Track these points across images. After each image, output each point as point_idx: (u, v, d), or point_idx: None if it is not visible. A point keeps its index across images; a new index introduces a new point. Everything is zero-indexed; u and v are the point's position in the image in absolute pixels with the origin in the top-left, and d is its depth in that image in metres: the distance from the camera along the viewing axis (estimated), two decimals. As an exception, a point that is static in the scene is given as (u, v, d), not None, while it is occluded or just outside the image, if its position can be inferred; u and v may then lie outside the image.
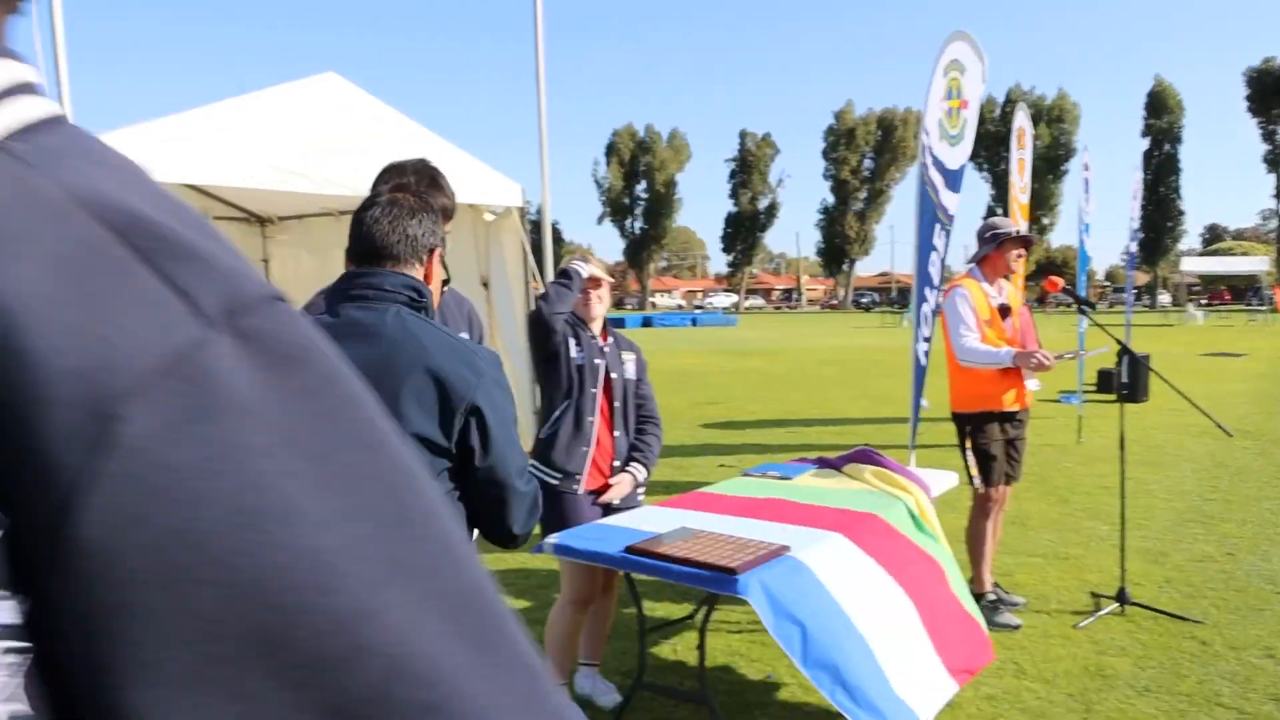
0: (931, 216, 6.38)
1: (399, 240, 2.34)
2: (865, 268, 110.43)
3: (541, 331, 4.26)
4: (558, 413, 4.34)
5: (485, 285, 8.48)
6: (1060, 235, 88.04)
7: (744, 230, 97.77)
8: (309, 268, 9.76)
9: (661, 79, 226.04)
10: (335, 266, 3.51)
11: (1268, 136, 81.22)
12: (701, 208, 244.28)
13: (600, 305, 4.43)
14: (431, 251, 2.38)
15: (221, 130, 6.35)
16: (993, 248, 5.61)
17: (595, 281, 4.39)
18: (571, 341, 4.33)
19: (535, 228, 9.60)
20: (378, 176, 3.28)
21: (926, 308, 6.38)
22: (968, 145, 6.75)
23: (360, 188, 6.84)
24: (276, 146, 6.59)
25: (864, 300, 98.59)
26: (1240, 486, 9.01)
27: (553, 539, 3.87)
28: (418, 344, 2.15)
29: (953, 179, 6.64)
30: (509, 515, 2.22)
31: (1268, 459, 10.44)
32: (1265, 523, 7.64)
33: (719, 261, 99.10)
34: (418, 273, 2.36)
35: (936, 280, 6.45)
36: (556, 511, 4.34)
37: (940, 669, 3.85)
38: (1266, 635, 5.22)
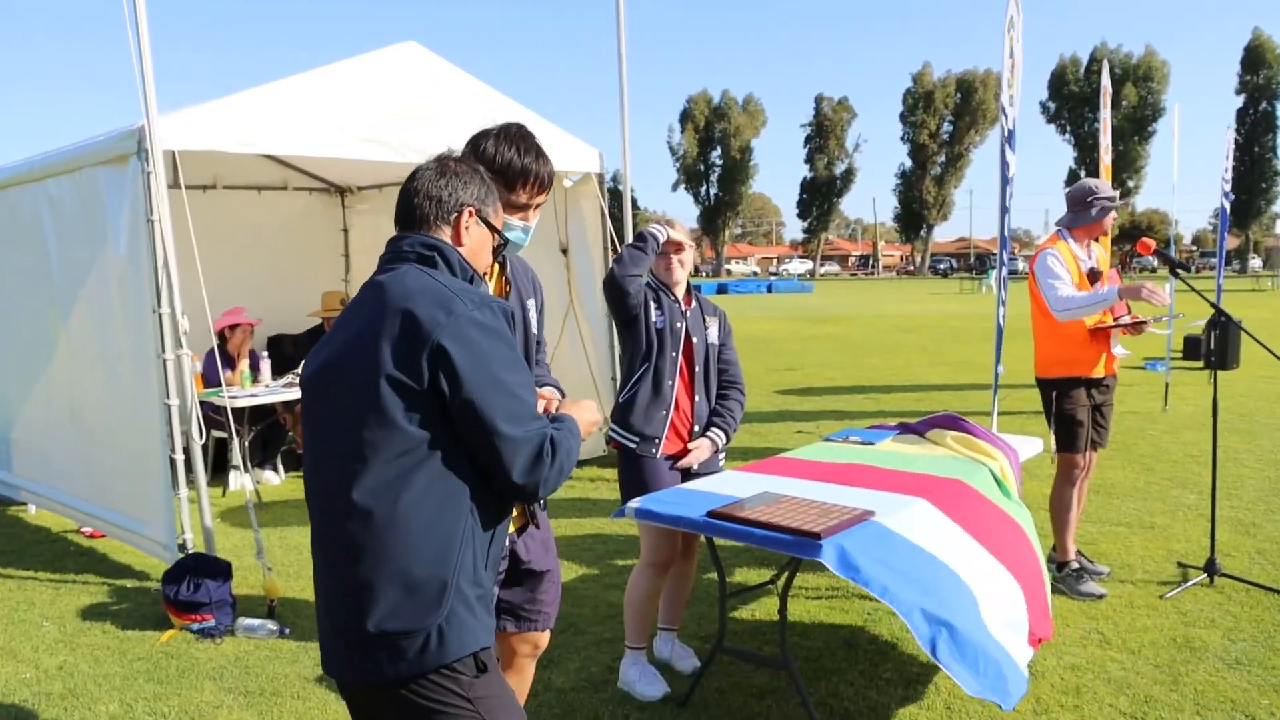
0: (1005, 179, 6.31)
1: (421, 203, 2.36)
2: (943, 233, 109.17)
3: (616, 294, 4.25)
4: (636, 376, 4.34)
5: (564, 252, 8.51)
6: (1145, 199, 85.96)
7: (820, 196, 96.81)
8: (389, 234, 9.85)
9: (737, 45, 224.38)
10: None
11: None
12: (777, 174, 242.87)
13: (682, 269, 4.41)
14: (460, 211, 2.35)
15: (302, 102, 6.42)
16: (1094, 216, 5.47)
17: (677, 246, 4.37)
18: (652, 305, 4.32)
19: (614, 195, 9.60)
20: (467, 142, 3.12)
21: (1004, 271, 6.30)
22: (1018, 104, 6.68)
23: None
24: (356, 116, 6.65)
25: (941, 266, 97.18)
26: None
27: (634, 503, 3.87)
28: (403, 291, 2.13)
29: (1012, 139, 6.58)
30: (504, 464, 2.10)
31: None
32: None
33: (794, 228, 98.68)
34: (445, 234, 2.35)
35: (1008, 241, 6.38)
36: (635, 475, 4.35)
37: (1025, 630, 3.81)
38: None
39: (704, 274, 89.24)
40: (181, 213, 5.42)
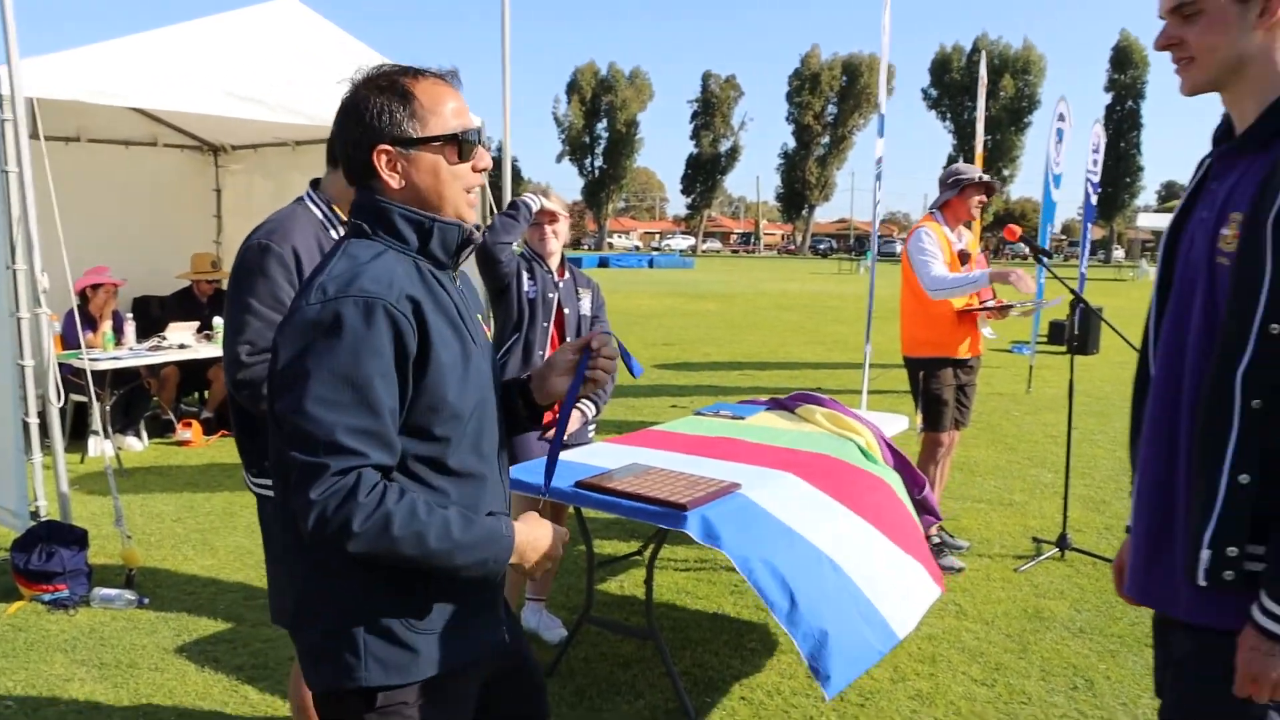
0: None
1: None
2: (824, 214, 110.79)
3: (487, 261, 4.22)
4: (507, 345, 4.33)
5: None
6: (1020, 187, 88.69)
7: (704, 173, 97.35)
8: (263, 197, 9.64)
9: (626, 17, 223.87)
10: (291, 194, 3.39)
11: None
12: (663, 149, 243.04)
13: (556, 240, 4.40)
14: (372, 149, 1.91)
15: (174, 55, 6.23)
16: (955, 193, 5.62)
17: (550, 215, 4.35)
18: (525, 274, 4.31)
19: (496, 164, 9.51)
20: None
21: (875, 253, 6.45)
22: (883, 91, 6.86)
23: (318, 115, 6.77)
24: (231, 72, 6.47)
25: (822, 246, 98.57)
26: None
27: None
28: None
29: (881, 124, 6.74)
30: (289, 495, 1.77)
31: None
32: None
33: (678, 204, 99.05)
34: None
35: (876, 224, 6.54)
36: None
37: (923, 574, 3.92)
38: None
39: (586, 247, 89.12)
40: (41, 165, 5.20)
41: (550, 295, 4.36)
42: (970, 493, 7.19)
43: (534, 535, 1.98)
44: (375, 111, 1.88)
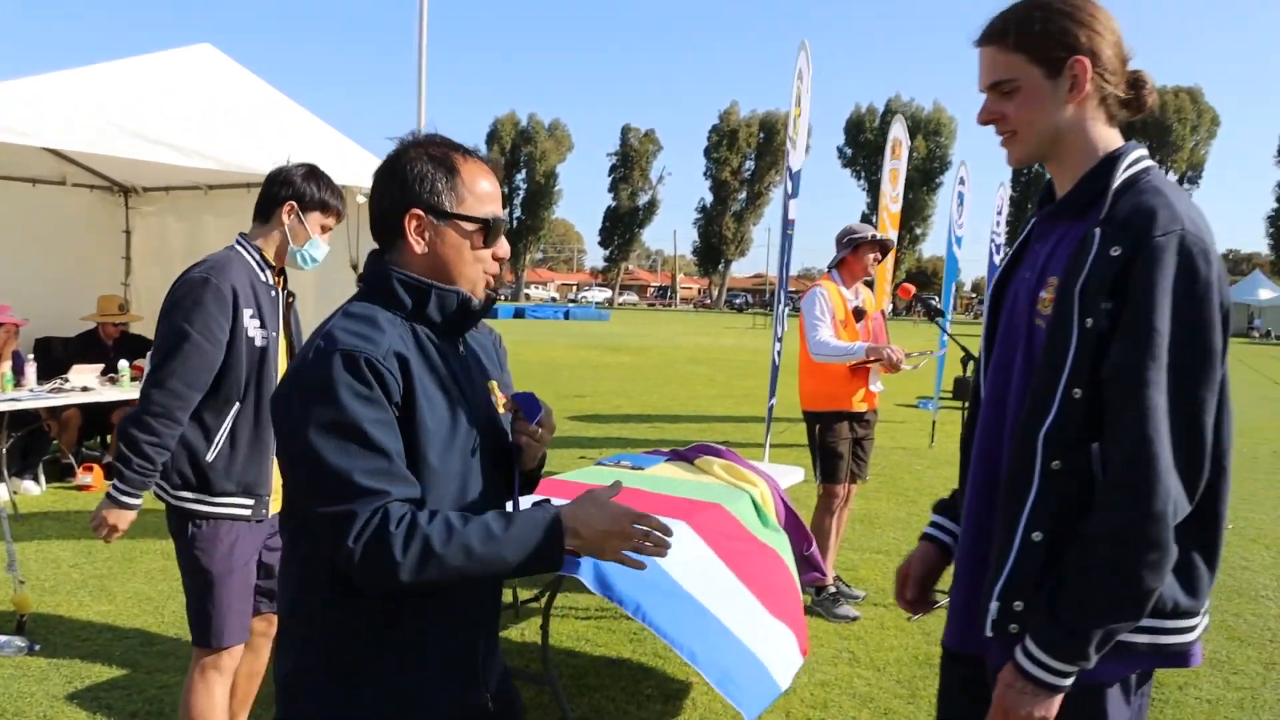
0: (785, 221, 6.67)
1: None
2: (741, 269, 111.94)
3: None
4: None
5: (355, 268, 8.42)
6: (932, 246, 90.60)
7: (622, 225, 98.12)
8: (177, 240, 9.56)
9: (547, 70, 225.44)
10: (204, 238, 3.54)
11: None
12: (581, 201, 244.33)
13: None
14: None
15: (86, 96, 6.22)
16: (849, 251, 5.83)
17: None
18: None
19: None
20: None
21: (781, 309, 6.65)
22: (802, 151, 7.06)
23: (231, 162, 6.80)
24: (144, 115, 6.47)
25: (738, 301, 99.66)
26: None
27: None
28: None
29: (795, 184, 6.94)
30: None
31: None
32: (1094, 527, 8.06)
33: (595, 256, 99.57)
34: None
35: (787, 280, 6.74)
36: None
37: (791, 640, 4.03)
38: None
39: (503, 297, 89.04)
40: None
41: None
42: (870, 544, 7.37)
43: (584, 513, 1.88)
44: (418, 175, 1.93)
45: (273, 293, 3.37)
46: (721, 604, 3.77)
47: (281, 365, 3.41)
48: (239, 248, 3.32)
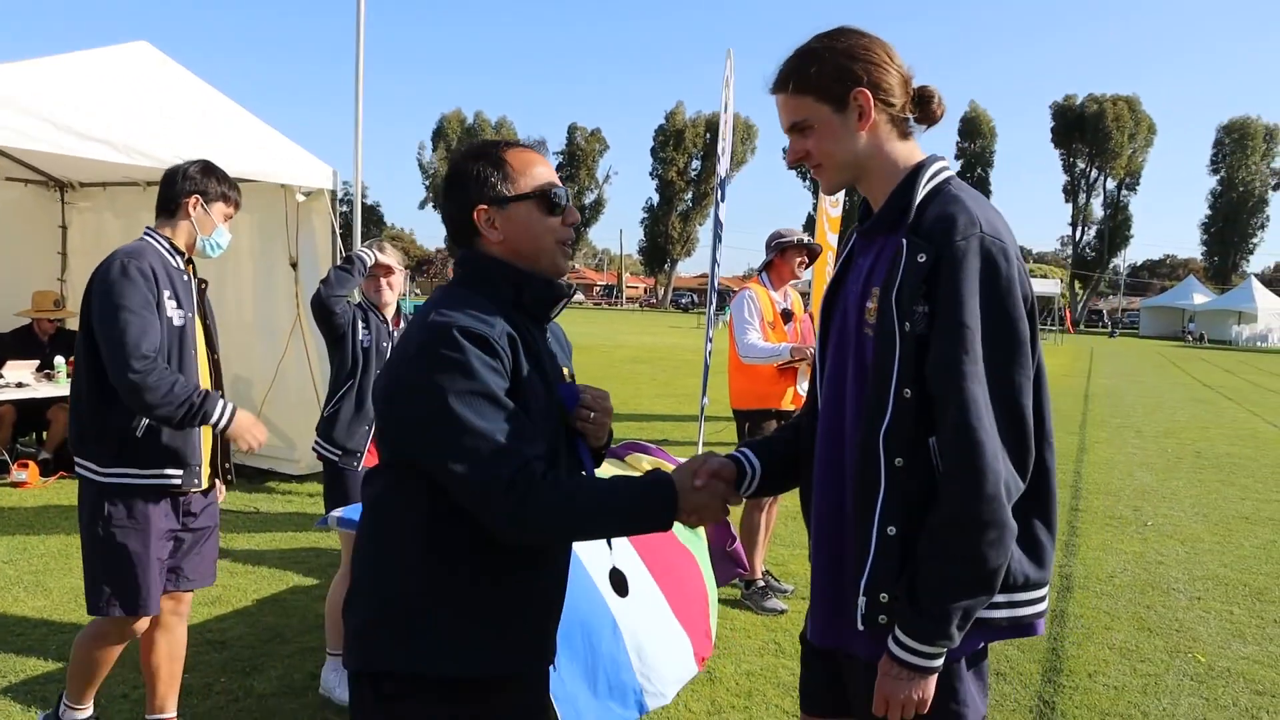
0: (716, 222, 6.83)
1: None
2: (686, 269, 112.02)
3: (322, 313, 4.45)
4: (341, 392, 4.54)
5: (294, 266, 8.49)
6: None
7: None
8: (114, 235, 9.51)
9: (494, 66, 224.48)
10: (141, 233, 3.65)
11: (1067, 167, 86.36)
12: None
13: (391, 292, 4.63)
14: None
15: (20, 91, 6.22)
16: (776, 255, 5.98)
17: (386, 269, 4.60)
18: (360, 324, 4.52)
19: (347, 205, 9.61)
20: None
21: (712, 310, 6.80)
22: (728, 159, 7.22)
23: (168, 158, 6.82)
24: (80, 112, 6.48)
25: (683, 301, 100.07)
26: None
27: (337, 513, 4.00)
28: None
29: (723, 189, 7.09)
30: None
31: (1032, 467, 11.25)
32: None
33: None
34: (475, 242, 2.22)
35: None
36: (338, 487, 4.55)
37: (689, 654, 4.16)
38: (1000, 623, 5.74)
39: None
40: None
41: (384, 345, 4.58)
42: (799, 540, 7.52)
43: (689, 497, 2.05)
44: (473, 177, 2.12)
45: (185, 277, 3.58)
46: (626, 609, 3.90)
47: (198, 346, 3.59)
48: (149, 238, 3.54)
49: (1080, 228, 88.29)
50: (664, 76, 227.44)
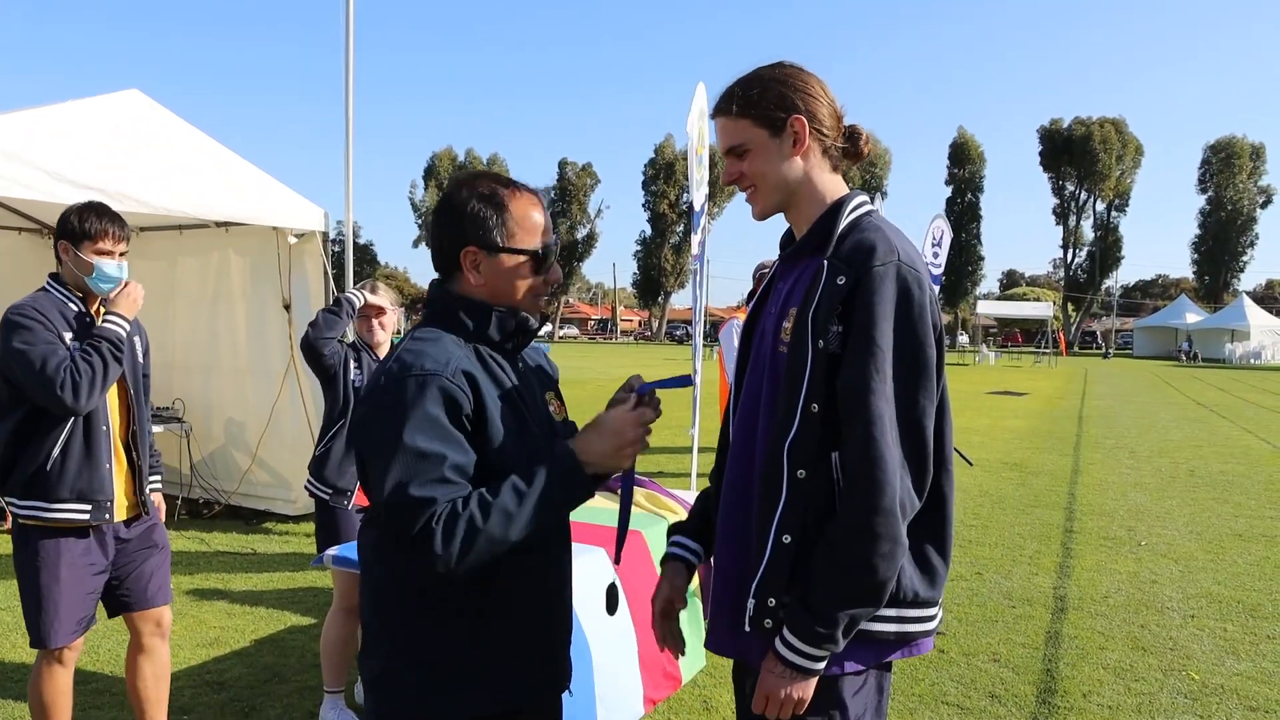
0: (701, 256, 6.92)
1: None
2: (681, 300, 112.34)
3: (311, 355, 4.51)
4: (332, 431, 4.58)
5: (286, 308, 8.54)
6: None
7: (561, 259, 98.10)
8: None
9: (484, 103, 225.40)
10: (134, 279, 3.72)
11: (1056, 190, 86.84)
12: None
13: (384, 332, 4.69)
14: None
15: (13, 141, 6.28)
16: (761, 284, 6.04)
17: (377, 309, 4.65)
18: (352, 363, 4.57)
19: (338, 245, 9.68)
20: None
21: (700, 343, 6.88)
22: (703, 191, 7.31)
23: (159, 205, 6.91)
24: (72, 160, 6.55)
25: (678, 333, 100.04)
26: (998, 514, 9.79)
27: (332, 551, 4.03)
28: None
29: (696, 220, 7.16)
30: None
31: (1027, 489, 11.33)
32: (1013, 545, 8.35)
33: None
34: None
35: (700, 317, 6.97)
36: (328, 525, 4.59)
37: (639, 695, 4.20)
38: (995, 643, 5.79)
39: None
40: None
41: None
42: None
43: (587, 443, 2.07)
44: (471, 214, 2.12)
45: (87, 319, 3.66)
46: (600, 640, 3.95)
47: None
48: (47, 287, 3.69)
49: (1071, 250, 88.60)
50: (655, 108, 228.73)
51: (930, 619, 2.12)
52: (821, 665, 2.00)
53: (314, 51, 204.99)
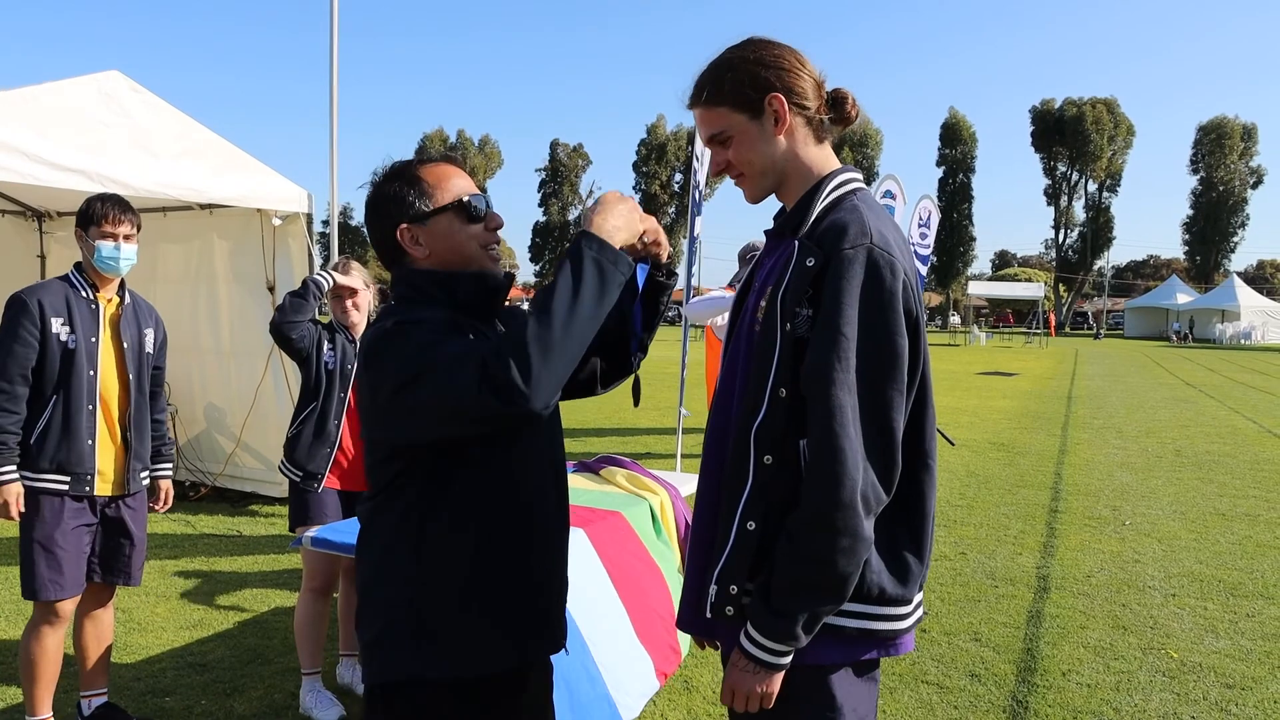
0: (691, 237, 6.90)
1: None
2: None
3: (280, 339, 4.50)
4: (304, 414, 4.57)
5: (270, 290, 8.52)
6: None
7: (552, 240, 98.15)
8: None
9: (475, 84, 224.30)
10: None
11: (1048, 171, 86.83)
12: (511, 216, 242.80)
13: (358, 312, 4.65)
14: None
15: (-5, 123, 6.25)
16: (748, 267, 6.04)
17: (349, 290, 4.62)
18: (325, 345, 4.55)
19: (343, 230, 9.67)
20: None
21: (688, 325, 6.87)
22: (704, 176, 7.28)
23: (142, 187, 6.87)
24: (55, 143, 6.51)
25: (670, 314, 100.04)
26: (984, 494, 9.83)
27: (311, 533, 4.00)
28: None
29: (698, 203, 7.15)
30: None
31: (1013, 468, 11.37)
32: (998, 525, 8.39)
33: (526, 271, 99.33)
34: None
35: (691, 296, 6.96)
36: (299, 507, 4.59)
37: (648, 666, 4.22)
38: (977, 622, 5.82)
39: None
40: None
41: (349, 366, 4.60)
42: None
43: (602, 221, 2.02)
44: (391, 196, 2.17)
45: (91, 305, 4.01)
46: (593, 624, 3.96)
47: (101, 363, 4.03)
48: (70, 274, 4.05)
49: (1063, 230, 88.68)
50: (647, 90, 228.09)
51: (902, 618, 2.04)
52: (786, 660, 1.95)
53: (304, 33, 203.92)
